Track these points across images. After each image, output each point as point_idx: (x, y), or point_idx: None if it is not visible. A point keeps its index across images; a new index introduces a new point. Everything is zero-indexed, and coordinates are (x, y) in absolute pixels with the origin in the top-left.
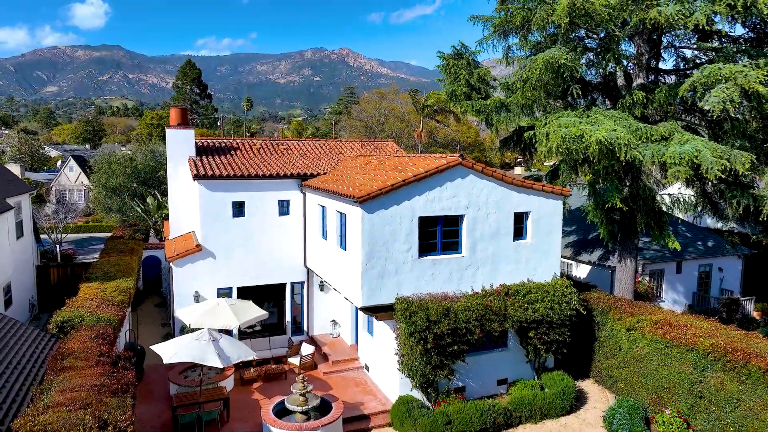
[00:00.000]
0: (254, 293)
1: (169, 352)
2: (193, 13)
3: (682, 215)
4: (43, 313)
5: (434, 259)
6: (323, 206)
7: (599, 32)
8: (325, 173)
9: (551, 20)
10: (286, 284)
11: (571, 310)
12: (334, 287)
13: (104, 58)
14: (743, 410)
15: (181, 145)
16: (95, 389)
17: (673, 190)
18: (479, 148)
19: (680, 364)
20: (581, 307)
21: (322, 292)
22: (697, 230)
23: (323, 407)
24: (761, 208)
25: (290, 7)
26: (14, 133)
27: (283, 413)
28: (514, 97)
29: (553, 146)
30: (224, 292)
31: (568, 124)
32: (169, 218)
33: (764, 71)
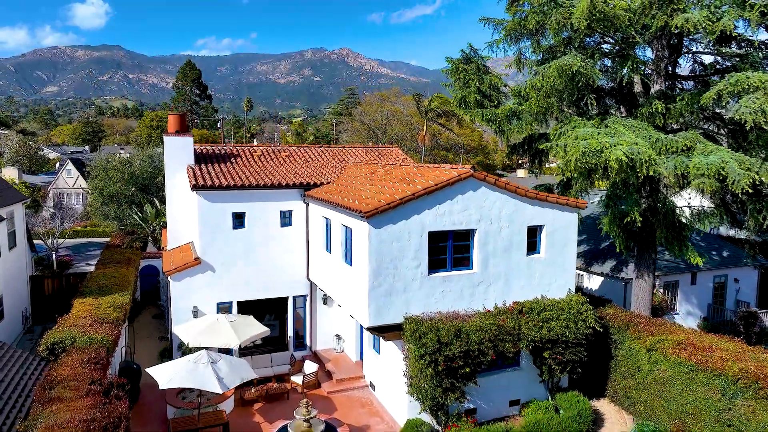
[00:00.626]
0: (255, 307)
1: (165, 376)
2: (193, 13)
3: (700, 227)
4: (36, 325)
5: (444, 275)
6: (327, 218)
7: (618, 37)
8: (328, 182)
9: (568, 24)
10: (288, 298)
11: (587, 328)
12: (338, 303)
13: (104, 58)
14: None
15: (179, 152)
16: (84, 426)
17: (684, 198)
18: (483, 151)
19: (707, 389)
20: (598, 325)
21: (325, 305)
22: (711, 239)
23: None
24: None
25: (290, 7)
26: (13, 134)
27: None
28: (526, 105)
29: (572, 160)
30: (224, 306)
31: (586, 135)
32: (167, 227)
33: None
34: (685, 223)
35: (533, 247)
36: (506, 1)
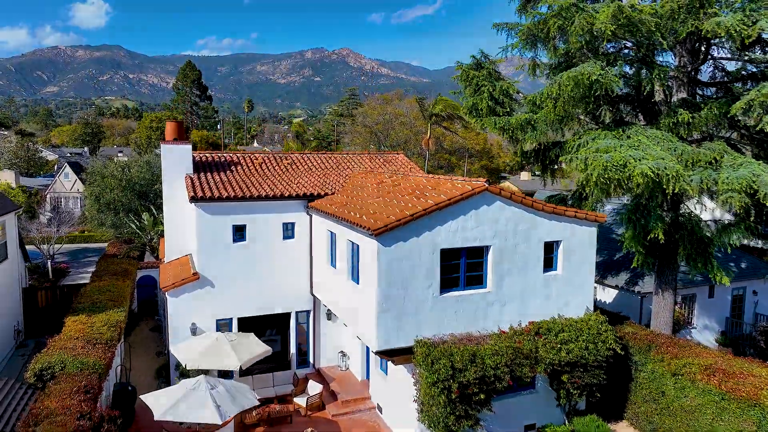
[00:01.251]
0: (257, 322)
1: (162, 406)
2: (193, 13)
3: (729, 241)
4: (29, 339)
5: (457, 295)
6: (332, 232)
7: (643, 42)
8: (333, 192)
9: (591, 30)
10: (290, 313)
11: (607, 350)
12: (345, 323)
13: (104, 58)
14: None
15: (177, 161)
16: None
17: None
18: (487, 155)
19: (741, 421)
20: (618, 347)
21: (329, 321)
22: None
23: None
24: None
25: (291, 7)
26: (11, 135)
27: None
28: (541, 113)
29: (593, 176)
30: (224, 323)
31: (608, 148)
32: (164, 236)
33: None
34: (710, 237)
35: (549, 263)
36: (518, 2)
